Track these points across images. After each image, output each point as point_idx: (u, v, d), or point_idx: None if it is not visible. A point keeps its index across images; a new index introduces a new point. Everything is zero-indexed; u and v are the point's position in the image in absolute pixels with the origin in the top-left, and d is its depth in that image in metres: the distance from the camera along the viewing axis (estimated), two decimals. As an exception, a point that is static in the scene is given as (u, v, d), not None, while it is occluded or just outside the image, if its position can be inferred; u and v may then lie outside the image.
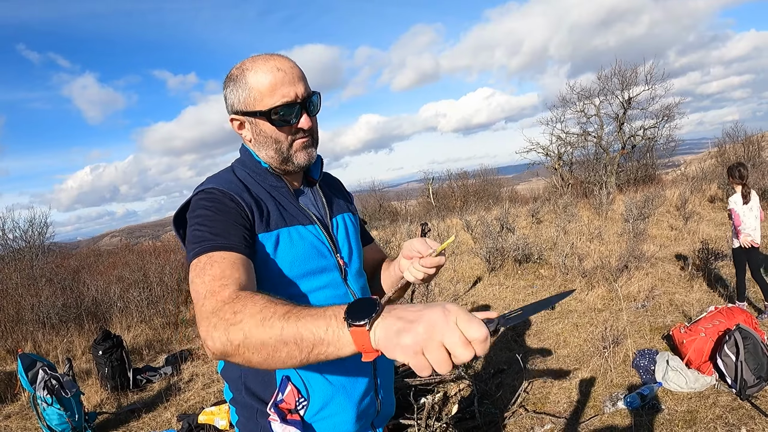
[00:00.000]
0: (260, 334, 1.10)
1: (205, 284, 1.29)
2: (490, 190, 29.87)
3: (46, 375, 5.03)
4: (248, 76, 1.56)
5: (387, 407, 1.80)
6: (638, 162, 25.92)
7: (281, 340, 1.08)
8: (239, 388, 1.63)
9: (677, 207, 14.04)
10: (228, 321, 1.16)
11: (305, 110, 1.59)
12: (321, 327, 1.06)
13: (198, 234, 1.43)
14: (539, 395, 4.91)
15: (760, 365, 4.31)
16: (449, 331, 0.94)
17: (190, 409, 5.70)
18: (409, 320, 0.97)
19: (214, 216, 1.46)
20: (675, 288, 7.44)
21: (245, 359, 1.14)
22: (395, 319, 0.99)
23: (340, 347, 1.05)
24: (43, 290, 10.54)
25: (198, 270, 1.34)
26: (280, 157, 1.63)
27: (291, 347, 1.08)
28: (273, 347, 1.09)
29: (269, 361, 1.12)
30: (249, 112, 1.58)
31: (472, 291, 9.03)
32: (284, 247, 1.55)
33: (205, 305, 1.25)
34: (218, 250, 1.37)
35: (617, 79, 24.91)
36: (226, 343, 1.15)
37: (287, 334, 1.08)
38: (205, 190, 1.54)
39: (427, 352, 0.94)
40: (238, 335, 1.13)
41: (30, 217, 19.90)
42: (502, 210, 15.97)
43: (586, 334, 6.20)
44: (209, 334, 1.18)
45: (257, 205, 1.55)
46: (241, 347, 1.13)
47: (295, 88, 1.56)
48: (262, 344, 1.10)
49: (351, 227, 1.83)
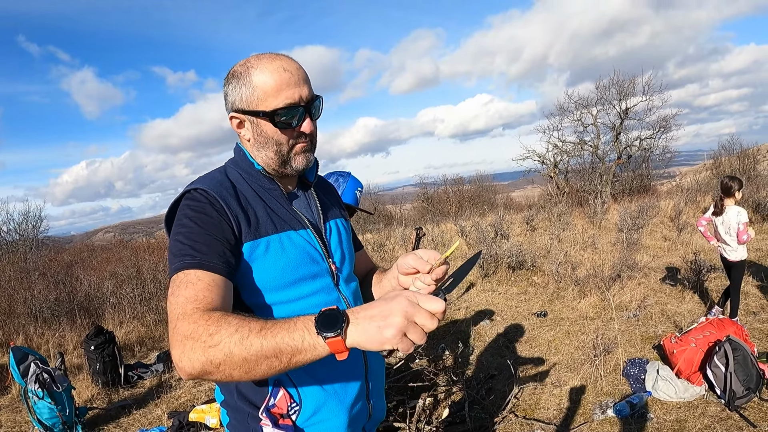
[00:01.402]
0: (241, 352, 1.18)
1: (178, 305, 1.31)
2: (485, 197, 29.89)
3: (38, 368, 5.02)
4: (253, 75, 1.53)
5: (378, 412, 1.79)
6: (634, 172, 26.02)
7: (262, 354, 1.18)
8: (231, 392, 1.61)
9: (671, 218, 14.09)
10: (206, 343, 1.20)
11: (308, 114, 1.57)
12: (297, 339, 1.18)
13: (178, 246, 1.42)
14: (530, 401, 4.93)
15: (749, 376, 4.34)
16: (418, 312, 1.15)
17: (180, 407, 5.70)
18: (383, 316, 1.15)
19: (196, 228, 1.44)
20: (667, 298, 7.47)
21: (226, 375, 1.21)
22: (368, 321, 1.16)
23: (316, 354, 1.19)
24: (36, 284, 10.52)
25: (174, 288, 1.36)
26: (279, 160, 1.60)
27: (271, 359, 1.18)
28: (254, 362, 1.19)
29: (250, 374, 1.21)
30: (251, 112, 1.55)
31: (465, 296, 9.05)
32: (275, 254, 1.53)
33: (177, 327, 1.26)
34: (195, 269, 1.37)
35: (615, 89, 25.06)
36: (205, 363, 1.19)
37: (267, 349, 1.18)
38: (192, 192, 1.51)
39: (408, 333, 1.14)
40: (219, 355, 1.19)
41: (24, 210, 19.89)
42: (496, 216, 15.99)
43: (578, 342, 6.23)
44: (185, 356, 1.21)
45: (244, 212, 1.52)
46: (222, 365, 1.19)
47: (300, 90, 1.54)
48: (244, 360, 1.18)
49: (344, 233, 1.81)
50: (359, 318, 1.17)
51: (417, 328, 1.15)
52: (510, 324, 7.25)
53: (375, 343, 1.15)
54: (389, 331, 1.13)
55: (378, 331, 1.14)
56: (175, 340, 1.24)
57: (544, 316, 7.46)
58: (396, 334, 1.12)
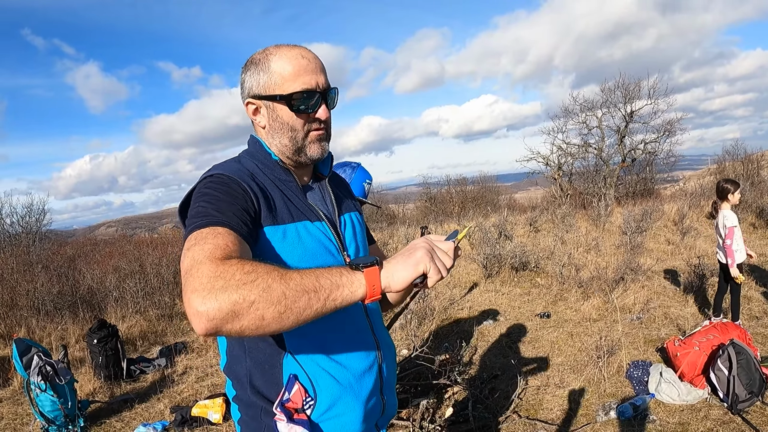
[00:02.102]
0: (281, 286, 1.16)
1: (204, 251, 1.21)
2: (488, 197, 29.85)
3: (41, 361, 5.02)
4: (272, 61, 1.55)
5: (390, 408, 1.78)
6: (638, 175, 25.97)
7: (302, 288, 1.18)
8: (244, 386, 1.59)
9: (675, 222, 14.07)
10: (240, 280, 1.13)
11: (324, 101, 1.59)
12: (335, 274, 1.25)
13: (202, 210, 1.38)
14: (533, 402, 4.93)
15: (752, 380, 4.34)
16: (435, 248, 1.37)
17: (183, 402, 5.70)
18: (410, 250, 1.34)
19: (220, 197, 1.42)
20: (670, 302, 7.46)
21: (257, 316, 1.13)
22: (396, 259, 1.32)
23: (353, 289, 1.25)
24: (39, 277, 10.53)
25: (200, 239, 1.27)
26: (293, 147, 1.61)
27: (310, 295, 1.19)
28: (292, 298, 1.16)
29: (285, 314, 1.16)
30: (268, 96, 1.57)
31: (468, 296, 9.05)
32: (291, 243, 1.52)
33: (202, 272, 1.15)
34: (222, 226, 1.32)
35: (620, 92, 24.97)
36: (237, 301, 1.10)
37: (307, 283, 1.19)
38: (212, 176, 1.50)
39: (435, 259, 1.33)
40: (255, 291, 1.12)
41: (28, 204, 19.92)
42: (500, 217, 15.98)
43: (581, 343, 6.22)
44: (211, 296, 1.10)
45: (264, 195, 1.52)
46: (257, 303, 1.12)
47: (317, 77, 1.56)
48: (283, 295, 1.15)
49: (358, 226, 1.80)
50: (390, 259, 1.34)
51: (438, 256, 1.34)
52: (513, 324, 7.24)
53: (410, 266, 1.29)
54: (419, 253, 1.31)
55: (410, 257, 1.31)
56: (200, 283, 1.13)
57: (547, 317, 7.46)
58: (425, 255, 1.30)
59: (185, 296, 1.15)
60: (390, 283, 1.28)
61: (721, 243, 5.97)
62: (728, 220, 5.85)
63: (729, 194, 5.88)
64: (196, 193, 1.47)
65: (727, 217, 5.87)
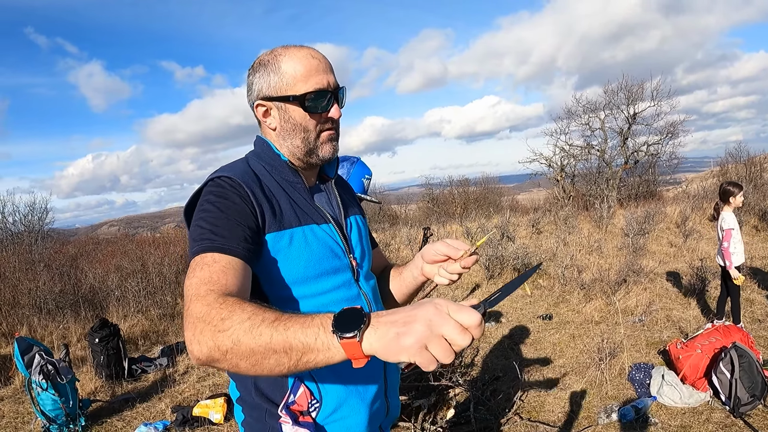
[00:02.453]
0: (249, 342, 1.09)
1: (191, 287, 1.26)
2: (490, 198, 29.82)
3: (43, 360, 5.02)
4: (282, 62, 1.55)
5: (394, 409, 1.78)
6: (640, 177, 25.92)
7: (270, 348, 1.08)
8: (248, 388, 1.58)
9: (677, 224, 14.04)
10: (216, 327, 1.13)
11: (336, 100, 1.59)
12: (310, 336, 1.07)
13: (198, 230, 1.39)
14: (534, 404, 4.93)
15: (754, 384, 4.33)
16: (446, 323, 1.00)
17: (184, 402, 5.70)
18: (404, 322, 1.01)
19: (218, 213, 1.42)
20: (672, 304, 7.45)
21: (232, 365, 1.13)
22: (388, 326, 1.02)
23: (330, 356, 1.07)
24: (41, 275, 10.53)
25: (190, 271, 1.31)
26: (305, 148, 1.60)
27: (280, 355, 1.08)
28: (262, 354, 1.09)
29: (257, 368, 1.12)
30: (280, 97, 1.56)
31: (470, 297, 9.03)
32: (298, 247, 1.51)
33: (190, 309, 1.20)
34: (212, 252, 1.33)
35: (623, 94, 24.95)
36: (213, 348, 1.12)
37: (276, 342, 1.08)
38: (216, 179, 1.50)
39: (430, 346, 0.99)
40: (226, 342, 1.10)
41: (30, 202, 19.93)
42: (502, 218, 15.97)
43: (583, 345, 6.22)
44: (195, 339, 1.14)
45: (269, 202, 1.51)
46: (229, 353, 1.11)
47: (328, 77, 1.56)
48: (252, 351, 1.10)
49: (363, 229, 1.80)
50: (380, 322, 1.05)
51: (443, 342, 1.00)
52: (515, 326, 7.24)
53: (391, 351, 1.01)
54: (407, 340, 0.99)
55: (395, 339, 1.01)
56: (188, 322, 1.18)
57: (549, 319, 7.45)
58: (414, 345, 0.99)
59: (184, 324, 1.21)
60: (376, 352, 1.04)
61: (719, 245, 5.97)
62: (726, 222, 5.84)
63: (731, 197, 5.86)
64: (199, 202, 1.47)
65: (725, 219, 5.86)
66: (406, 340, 0.99)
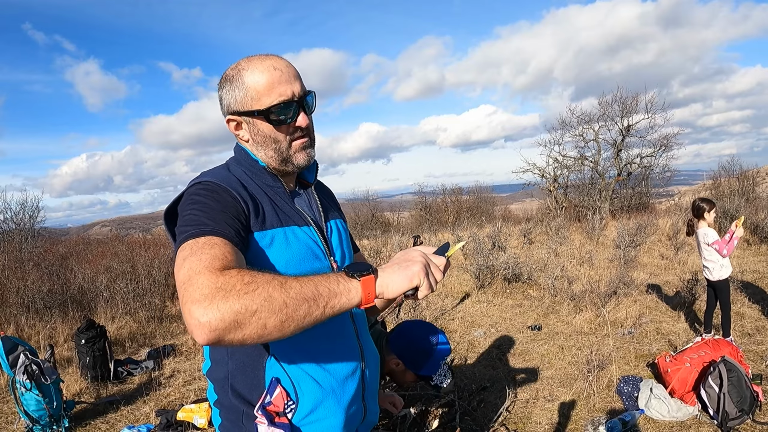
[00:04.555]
0: (281, 295, 1.17)
1: (202, 261, 1.22)
2: (483, 208, 29.88)
3: (27, 360, 4.98)
4: (245, 76, 1.55)
5: (372, 414, 1.78)
6: (633, 189, 26.03)
7: (302, 297, 1.20)
8: (225, 390, 1.59)
9: (669, 237, 14.08)
10: (240, 291, 1.14)
11: (302, 109, 1.59)
12: (332, 281, 1.27)
13: (193, 217, 1.39)
14: (521, 415, 4.90)
15: (742, 398, 4.32)
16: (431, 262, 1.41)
17: (169, 405, 5.65)
18: (405, 260, 1.37)
19: (212, 204, 1.43)
20: (662, 317, 7.45)
21: (260, 326, 1.15)
22: (394, 266, 1.36)
23: (350, 297, 1.27)
24: (30, 274, 10.46)
25: (195, 248, 1.28)
26: (279, 157, 1.61)
27: (310, 303, 1.20)
28: (293, 306, 1.18)
29: (286, 323, 1.18)
30: (246, 112, 1.57)
31: (460, 306, 9.02)
32: (279, 247, 1.53)
33: (201, 282, 1.16)
34: (215, 235, 1.33)
35: (618, 106, 25.06)
36: (239, 311, 1.12)
37: (306, 291, 1.21)
38: (200, 182, 1.51)
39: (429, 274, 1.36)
40: (257, 300, 1.14)
41: (22, 200, 19.86)
42: (494, 228, 15.98)
43: (571, 356, 6.20)
44: (214, 307, 1.11)
45: (253, 202, 1.53)
46: (258, 312, 1.14)
47: (292, 86, 1.56)
48: (284, 304, 1.17)
49: (344, 233, 1.82)
50: (385, 267, 1.36)
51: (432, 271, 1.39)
52: (504, 336, 7.22)
53: (404, 278, 1.32)
54: (415, 267, 1.34)
55: (405, 269, 1.33)
56: (200, 294, 1.14)
57: (538, 329, 7.43)
58: (421, 269, 1.34)
59: (184, 307, 1.15)
60: (384, 292, 1.31)
61: (706, 257, 5.99)
62: (707, 236, 5.89)
63: (705, 213, 5.96)
64: (185, 199, 1.48)
65: (707, 234, 5.90)
66: (414, 267, 1.34)
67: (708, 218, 5.99)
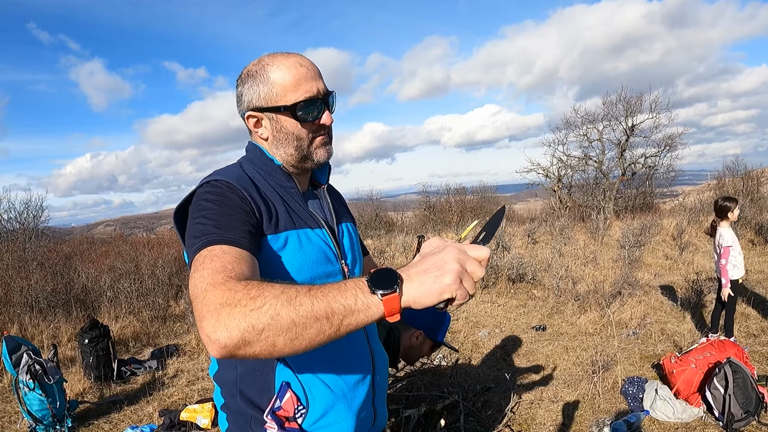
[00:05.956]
0: (289, 313, 1.08)
1: (204, 278, 1.18)
2: (487, 207, 29.84)
3: (30, 359, 4.98)
4: (270, 72, 1.53)
5: (381, 418, 1.77)
6: (637, 189, 25.99)
7: (312, 315, 1.08)
8: (233, 394, 1.57)
9: (673, 237, 14.04)
10: (246, 307, 1.08)
11: (327, 107, 1.58)
12: (350, 298, 1.11)
13: (200, 227, 1.35)
14: (525, 416, 4.88)
15: (748, 399, 4.29)
16: (468, 260, 1.16)
17: (172, 405, 5.64)
18: (437, 267, 1.13)
19: (219, 209, 1.39)
20: (667, 317, 7.42)
21: (268, 344, 1.08)
22: (423, 274, 1.13)
23: (370, 315, 1.12)
24: (34, 274, 10.48)
25: (197, 265, 1.24)
26: (299, 155, 1.60)
27: (322, 322, 1.09)
28: (303, 325, 1.08)
29: (295, 342, 1.09)
30: (271, 108, 1.55)
31: (464, 307, 8.99)
32: (293, 250, 1.51)
33: (208, 298, 1.13)
34: (219, 244, 1.29)
35: (622, 106, 25.02)
36: (246, 329, 1.06)
37: (318, 309, 1.09)
38: (211, 182, 1.48)
39: (464, 280, 1.13)
40: (263, 319, 1.06)
41: (26, 200, 19.89)
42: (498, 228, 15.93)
43: (576, 357, 6.18)
44: (221, 325, 1.07)
45: (265, 204, 1.51)
46: (266, 331, 1.07)
47: (317, 84, 1.55)
48: (292, 323, 1.08)
49: (354, 236, 1.81)
50: (412, 274, 1.14)
51: (468, 276, 1.15)
52: (508, 336, 7.19)
53: (434, 293, 1.12)
54: (447, 278, 1.11)
55: (436, 281, 1.12)
56: (207, 311, 1.10)
57: (543, 330, 7.41)
58: (455, 280, 1.12)
59: (197, 323, 1.12)
60: (410, 305, 1.15)
61: (716, 260, 5.96)
62: (724, 239, 5.83)
63: (729, 212, 5.88)
64: (194, 203, 1.45)
65: (723, 236, 5.85)
66: (446, 278, 1.11)
67: (732, 217, 5.95)
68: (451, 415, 4.65)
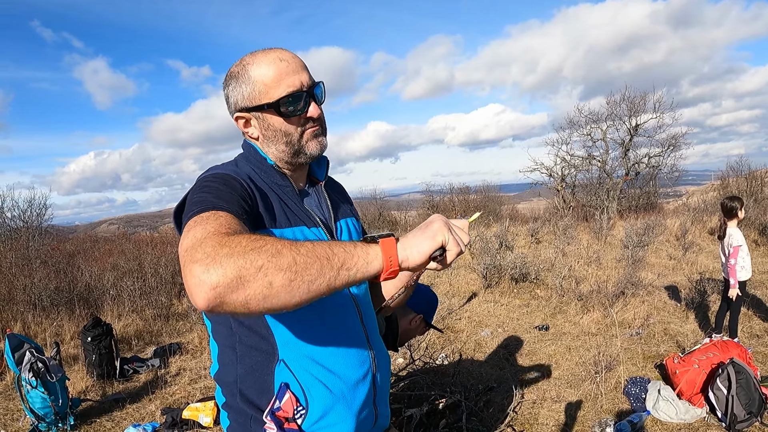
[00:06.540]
0: (291, 252, 1.08)
1: (207, 229, 1.15)
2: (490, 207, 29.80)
3: (33, 357, 4.98)
4: (250, 71, 1.52)
5: (383, 418, 1.75)
6: (641, 189, 25.95)
7: (314, 255, 1.11)
8: (233, 394, 1.57)
9: (677, 237, 14.01)
10: (247, 247, 1.06)
11: (312, 99, 1.56)
12: (348, 245, 1.18)
13: (200, 198, 1.32)
14: (528, 416, 4.87)
15: (751, 400, 4.28)
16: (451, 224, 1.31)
17: (175, 404, 5.65)
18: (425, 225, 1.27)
19: (220, 188, 1.38)
20: (670, 318, 7.40)
21: (265, 282, 1.04)
22: (413, 232, 1.26)
23: (369, 260, 1.18)
24: (37, 272, 10.50)
25: (202, 220, 1.20)
26: (291, 150, 1.58)
27: (323, 262, 1.11)
28: (303, 264, 1.08)
29: (295, 282, 1.07)
30: (255, 107, 1.54)
31: (467, 306, 8.99)
32: None
33: (205, 243, 1.08)
34: (215, 210, 1.25)
35: (626, 106, 24.99)
36: (243, 266, 1.03)
37: (319, 250, 1.12)
38: (210, 175, 1.48)
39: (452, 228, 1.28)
40: (263, 255, 1.05)
41: (30, 198, 19.90)
42: (501, 227, 15.94)
43: (579, 357, 6.17)
44: (215, 263, 1.03)
45: (262, 200, 1.50)
46: (264, 267, 1.04)
47: (300, 77, 1.53)
48: (293, 261, 1.08)
49: (354, 232, 1.79)
50: (405, 235, 1.26)
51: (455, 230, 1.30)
52: (511, 336, 7.19)
53: (427, 237, 1.23)
54: (436, 225, 1.25)
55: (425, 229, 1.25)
56: (202, 253, 1.05)
57: (545, 329, 7.40)
58: (443, 226, 1.25)
59: (185, 269, 1.07)
60: (408, 256, 1.22)
61: (724, 261, 5.95)
62: (734, 239, 5.82)
63: (737, 211, 5.88)
64: (193, 189, 1.44)
65: (732, 236, 5.84)
66: (434, 225, 1.25)
67: (740, 216, 5.95)
68: (454, 414, 4.64)
